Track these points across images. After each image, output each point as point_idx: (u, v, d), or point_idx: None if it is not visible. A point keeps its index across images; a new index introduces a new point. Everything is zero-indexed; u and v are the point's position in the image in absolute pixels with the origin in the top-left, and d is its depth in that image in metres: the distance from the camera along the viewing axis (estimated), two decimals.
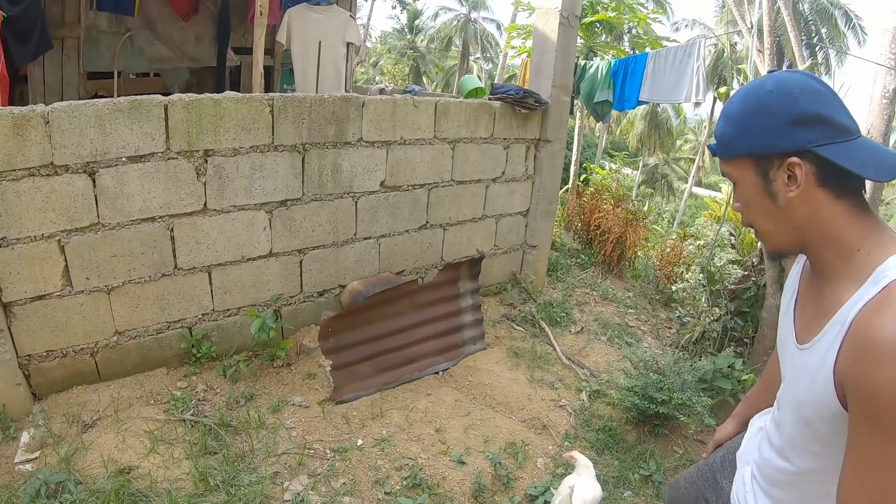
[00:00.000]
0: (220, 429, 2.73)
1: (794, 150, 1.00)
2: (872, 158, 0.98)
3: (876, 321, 0.90)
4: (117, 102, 2.58)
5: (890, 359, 0.86)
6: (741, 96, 1.07)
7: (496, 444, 2.99)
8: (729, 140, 1.08)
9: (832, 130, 0.99)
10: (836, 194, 1.01)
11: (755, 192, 1.07)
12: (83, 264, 2.69)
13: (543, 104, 4.18)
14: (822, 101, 1.00)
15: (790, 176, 1.01)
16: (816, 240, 1.04)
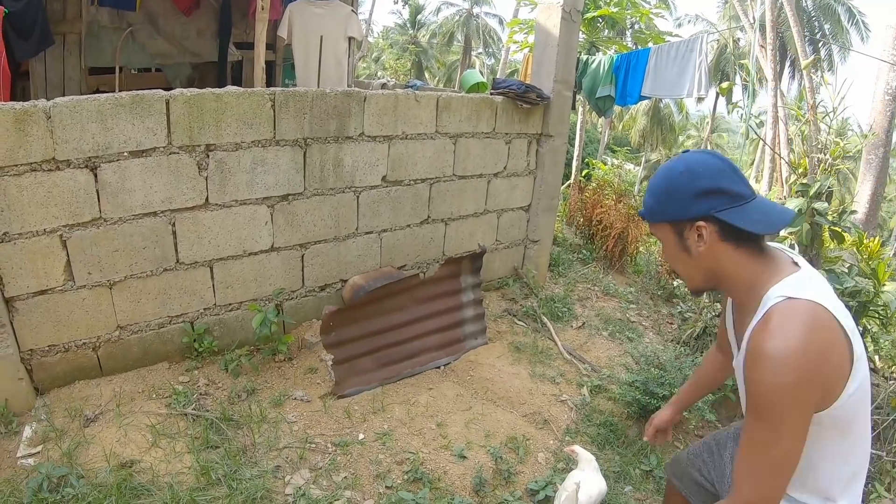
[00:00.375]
0: (222, 423, 2.73)
1: (700, 216, 1.28)
2: (762, 217, 1.27)
3: (758, 338, 1.20)
4: (119, 97, 2.57)
5: (764, 363, 1.17)
6: (660, 176, 1.37)
7: (497, 439, 2.99)
8: (653, 210, 1.38)
9: (729, 198, 1.27)
10: (735, 245, 1.30)
11: (674, 248, 1.37)
12: (85, 259, 2.69)
13: (545, 99, 4.17)
14: (722, 176, 1.28)
15: (699, 235, 1.30)
16: (724, 280, 1.35)
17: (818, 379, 1.17)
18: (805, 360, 1.15)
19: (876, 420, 3.28)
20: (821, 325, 1.19)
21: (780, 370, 1.15)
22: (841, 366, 1.21)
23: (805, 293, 1.22)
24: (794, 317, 1.19)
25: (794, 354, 1.15)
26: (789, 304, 1.21)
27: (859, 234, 3.86)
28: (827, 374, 1.19)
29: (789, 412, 1.18)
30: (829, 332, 1.20)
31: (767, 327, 1.20)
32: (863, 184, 7.28)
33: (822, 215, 3.35)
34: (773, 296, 1.24)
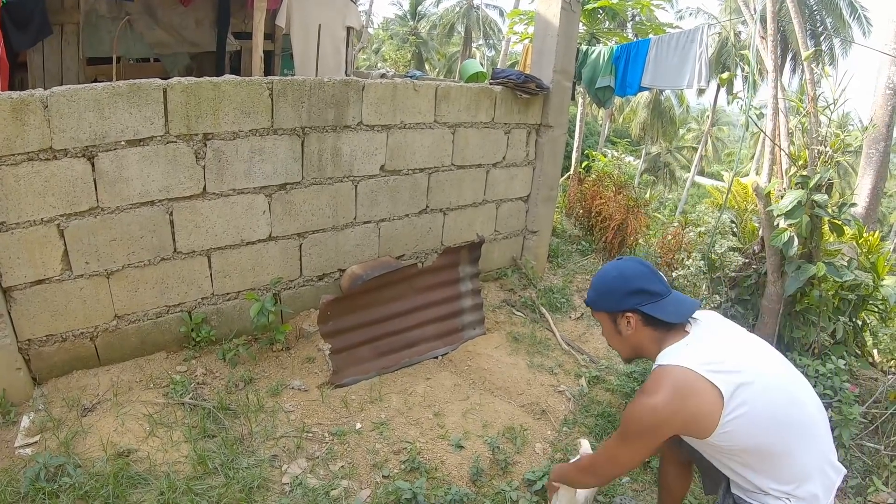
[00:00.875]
0: (220, 412, 2.73)
1: (628, 309, 1.76)
2: (675, 309, 1.74)
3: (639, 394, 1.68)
4: (116, 86, 2.55)
5: (631, 408, 1.68)
6: (599, 277, 1.85)
7: (495, 429, 2.98)
8: (594, 302, 1.86)
9: (650, 295, 1.74)
10: (654, 328, 1.76)
11: (610, 330, 1.85)
12: (82, 248, 2.68)
13: (545, 89, 4.14)
14: (645, 280, 1.75)
15: (627, 322, 1.77)
16: (644, 352, 1.81)
17: (665, 426, 1.62)
18: (654, 415, 1.61)
19: (874, 414, 3.27)
20: (678, 387, 1.60)
21: (637, 416, 1.66)
22: (703, 411, 1.58)
23: (674, 360, 1.65)
24: (659, 380, 1.64)
25: (647, 408, 1.62)
26: (658, 371, 1.67)
27: (859, 227, 3.83)
28: (683, 420, 1.60)
29: (635, 441, 1.70)
30: (686, 391, 1.59)
31: (644, 386, 1.69)
32: (863, 178, 7.22)
33: (822, 207, 3.32)
34: (655, 364, 1.72)
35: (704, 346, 1.67)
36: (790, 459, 1.63)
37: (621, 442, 1.74)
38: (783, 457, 1.63)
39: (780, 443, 1.62)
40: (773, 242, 3.46)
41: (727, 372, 1.59)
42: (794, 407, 1.65)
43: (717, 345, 1.69)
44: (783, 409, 1.62)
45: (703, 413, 1.58)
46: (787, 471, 1.64)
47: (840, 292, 3.56)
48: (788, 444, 1.62)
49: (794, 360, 3.45)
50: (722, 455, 1.70)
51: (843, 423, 2.98)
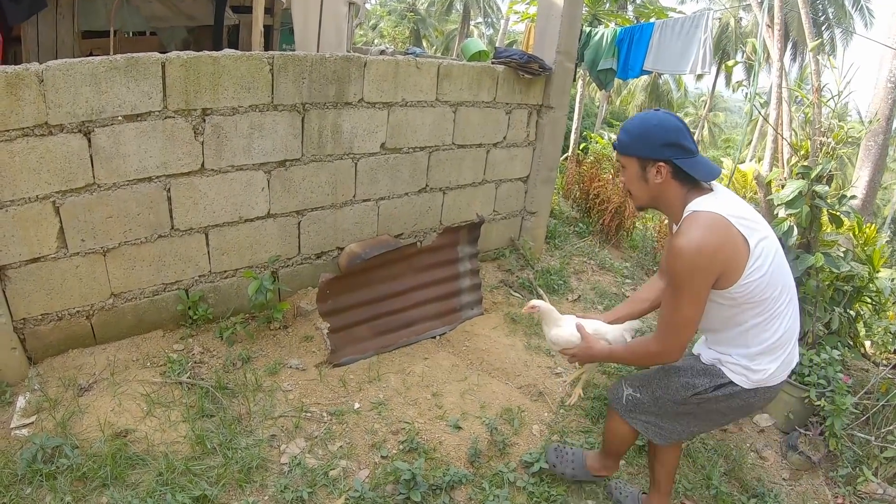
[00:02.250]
0: (217, 391, 2.68)
1: (662, 159, 1.76)
2: (703, 168, 1.76)
3: (672, 239, 1.72)
4: (113, 60, 2.45)
5: (673, 255, 1.68)
6: (637, 121, 1.82)
7: (492, 410, 2.96)
8: (626, 145, 1.82)
9: (684, 151, 1.75)
10: (680, 182, 1.78)
11: (635, 176, 1.83)
12: (78, 226, 2.60)
13: (547, 70, 4.04)
14: (681, 135, 1.75)
15: (658, 172, 1.77)
16: (662, 204, 1.84)
17: (712, 266, 1.66)
18: (699, 253, 1.64)
19: (865, 405, 3.26)
20: (715, 228, 1.67)
21: (682, 258, 1.66)
22: (735, 258, 1.67)
23: (706, 207, 1.71)
24: (695, 223, 1.69)
25: (692, 247, 1.64)
26: (693, 215, 1.71)
27: (858, 219, 3.79)
28: (722, 262, 1.66)
29: (690, 286, 1.68)
30: (723, 232, 1.67)
31: (679, 231, 1.73)
32: (861, 170, 7.16)
33: (822, 198, 3.28)
34: (687, 210, 1.74)
35: (730, 202, 1.75)
36: (781, 322, 1.82)
37: (676, 297, 1.72)
38: (778, 319, 1.81)
39: (781, 302, 1.80)
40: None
41: (752, 225, 1.72)
42: (788, 271, 1.86)
43: (737, 203, 1.78)
44: (786, 272, 1.83)
45: (736, 257, 1.68)
46: (775, 334, 1.82)
47: (836, 283, 3.54)
48: (786, 306, 1.82)
49: None
50: (720, 309, 1.81)
51: (835, 412, 2.97)
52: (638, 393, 2.09)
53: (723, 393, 1.89)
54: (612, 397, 2.20)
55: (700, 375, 1.93)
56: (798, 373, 3.16)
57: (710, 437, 3.11)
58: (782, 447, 3.20)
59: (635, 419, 2.13)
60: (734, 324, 1.82)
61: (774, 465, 3.10)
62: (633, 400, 2.10)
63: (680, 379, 1.96)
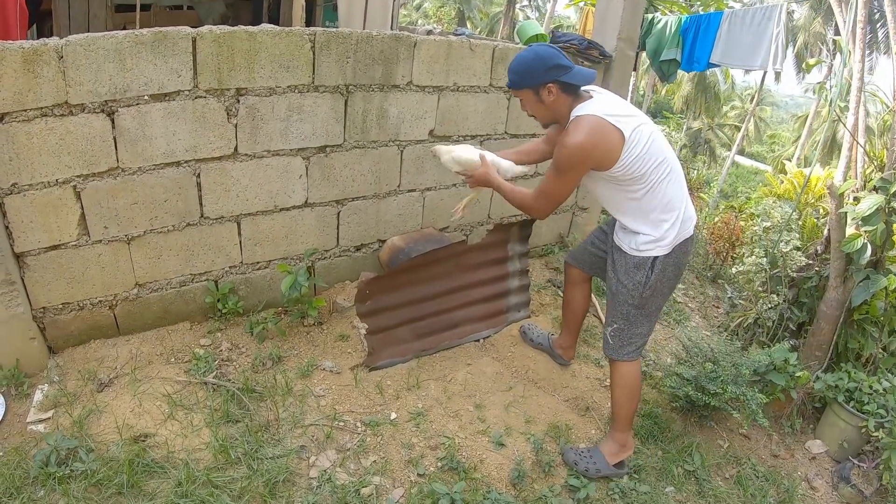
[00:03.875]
0: (244, 395, 2.42)
1: (550, 81, 2.04)
2: (580, 77, 2.06)
3: (564, 136, 2.05)
4: (139, 35, 2.16)
5: (559, 149, 2.06)
6: (518, 62, 2.10)
7: (538, 426, 2.64)
8: (518, 82, 2.11)
9: (563, 69, 2.03)
10: (567, 94, 2.08)
11: (534, 102, 2.13)
12: (101, 212, 2.34)
13: (607, 57, 3.62)
14: (557, 57, 2.04)
15: (549, 92, 2.06)
16: (560, 115, 2.13)
17: (587, 160, 2.02)
18: (578, 150, 1.99)
19: None
20: (592, 128, 1.98)
21: (565, 153, 2.02)
22: (610, 148, 2.00)
23: (586, 111, 2.02)
24: (577, 125, 2.00)
25: (573, 146, 1.99)
26: (576, 119, 2.03)
27: None
28: (597, 156, 2.01)
29: (567, 172, 2.07)
30: (599, 131, 1.98)
31: (566, 131, 2.05)
32: None
33: None
34: (572, 116, 2.05)
35: (606, 102, 2.08)
36: (667, 187, 2.11)
37: (556, 177, 2.11)
38: (662, 184, 2.09)
39: (661, 172, 2.08)
40: (844, 248, 3.08)
41: (625, 117, 2.03)
42: (669, 152, 2.15)
43: (615, 102, 2.11)
44: (663, 149, 2.11)
45: (611, 147, 2.00)
46: (664, 198, 2.12)
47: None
48: (666, 176, 2.10)
49: (847, 373, 3.09)
50: (618, 188, 2.14)
51: (892, 445, 2.66)
52: (614, 323, 2.37)
53: (657, 269, 2.20)
54: (607, 350, 2.43)
55: (635, 271, 2.23)
56: (857, 399, 2.97)
57: (761, 465, 2.86)
58: (833, 477, 2.96)
59: (628, 349, 2.37)
60: (628, 198, 2.15)
61: (825, 496, 2.86)
62: (616, 333, 2.38)
63: (628, 286, 2.26)
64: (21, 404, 2.26)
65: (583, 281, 2.75)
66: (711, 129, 28.59)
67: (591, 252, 2.64)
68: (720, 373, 2.71)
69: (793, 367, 2.91)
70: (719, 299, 4.34)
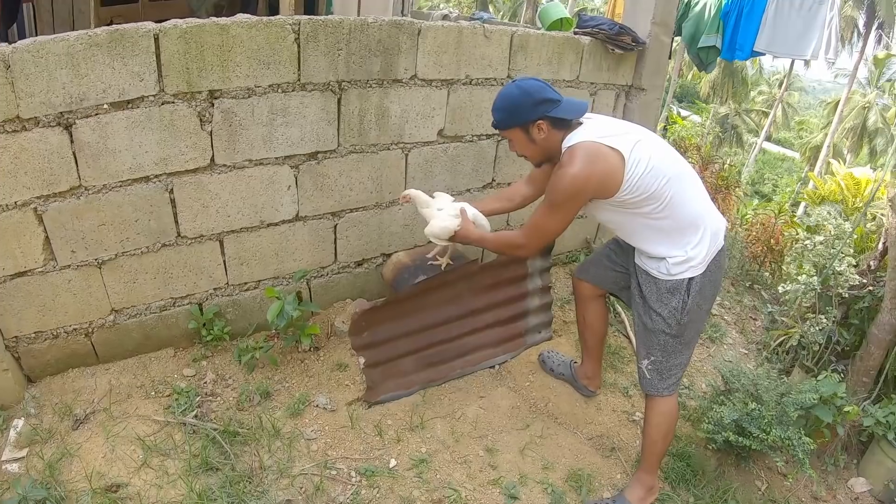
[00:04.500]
0: (225, 440, 2.11)
1: (539, 118, 1.87)
2: (572, 108, 1.89)
3: (558, 169, 1.84)
4: (92, 35, 1.83)
5: (552, 181, 1.85)
6: (503, 99, 1.92)
7: (557, 472, 2.29)
8: (504, 122, 1.94)
9: (552, 103, 1.86)
10: (558, 129, 1.89)
11: (524, 141, 1.94)
12: (66, 235, 2.04)
13: (640, 44, 3.17)
14: (544, 91, 1.87)
15: (539, 129, 1.89)
16: (552, 153, 1.93)
17: (584, 191, 1.81)
18: (573, 181, 1.79)
19: None
20: (587, 155, 1.79)
21: (560, 186, 1.81)
22: (611, 172, 1.79)
23: (577, 139, 1.84)
24: (571, 155, 1.81)
25: (568, 177, 1.79)
26: (569, 150, 1.84)
27: None
28: (595, 184, 1.80)
29: (562, 207, 1.85)
30: (594, 157, 1.79)
31: (560, 163, 1.85)
32: None
33: None
34: (562, 149, 1.88)
35: (597, 125, 1.88)
36: (685, 205, 1.87)
37: (549, 212, 1.88)
38: (679, 199, 1.84)
39: (674, 186, 1.82)
40: None
41: (620, 135, 1.82)
42: (678, 162, 1.90)
43: (607, 123, 1.92)
44: (671, 161, 1.87)
45: (611, 172, 1.78)
46: (685, 213, 1.87)
47: None
48: (682, 190, 1.85)
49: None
50: (630, 213, 1.88)
51: None
52: (651, 356, 2.08)
53: (694, 291, 1.93)
54: (644, 385, 2.15)
55: (669, 296, 1.96)
56: None
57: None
58: None
59: (668, 382, 2.09)
60: (644, 223, 1.90)
61: None
62: (654, 366, 2.09)
63: (663, 314, 1.98)
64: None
65: (596, 297, 2.45)
66: (738, 114, 27.31)
67: (607, 267, 2.34)
68: (764, 413, 2.32)
69: (840, 399, 2.51)
70: (757, 310, 3.88)
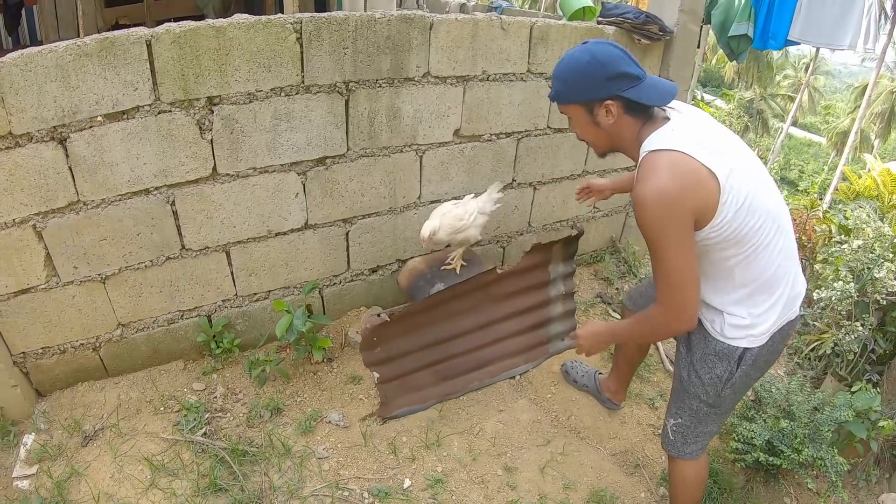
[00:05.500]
0: (234, 458, 1.99)
1: (609, 96, 1.40)
2: (654, 92, 1.40)
3: (634, 189, 1.35)
4: (82, 45, 1.69)
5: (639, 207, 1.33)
6: (567, 65, 1.44)
7: (579, 493, 2.12)
8: (564, 94, 1.47)
9: (630, 80, 1.38)
10: (633, 115, 1.43)
11: (586, 123, 1.48)
12: (67, 251, 1.94)
13: (668, 33, 2.90)
14: (621, 62, 1.37)
15: (607, 111, 1.42)
16: (623, 143, 1.49)
17: (682, 209, 1.31)
18: (666, 199, 1.30)
19: None
20: (676, 168, 1.31)
21: (647, 210, 1.31)
22: (705, 196, 1.32)
23: (662, 144, 1.35)
24: (653, 166, 1.34)
25: (653, 195, 1.30)
26: (650, 157, 1.36)
27: None
28: (693, 204, 1.31)
29: (666, 237, 1.33)
30: (689, 173, 1.31)
31: (638, 177, 1.37)
32: None
33: None
34: (642, 152, 1.40)
35: (690, 130, 1.40)
36: (769, 258, 1.46)
37: (659, 251, 1.37)
38: (766, 250, 1.45)
39: (765, 233, 1.43)
40: None
41: (718, 154, 1.36)
42: (772, 196, 1.47)
43: (701, 130, 1.43)
44: (766, 196, 1.44)
45: (706, 195, 1.34)
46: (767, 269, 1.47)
47: None
48: (771, 238, 1.45)
49: None
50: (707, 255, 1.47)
51: None
52: (678, 417, 1.77)
53: (745, 365, 1.57)
54: (666, 444, 1.85)
55: (716, 361, 1.60)
56: None
57: None
58: None
59: (692, 448, 1.78)
60: (718, 268, 1.50)
61: None
62: (680, 428, 1.78)
63: (703, 378, 1.64)
64: (7, 455, 1.99)
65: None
66: (764, 99, 26.11)
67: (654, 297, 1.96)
68: (796, 430, 2.10)
69: (875, 413, 2.27)
70: None
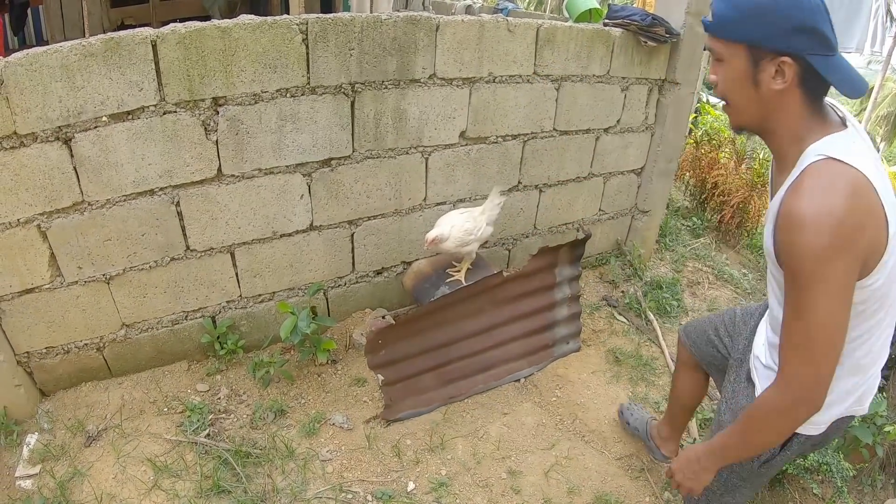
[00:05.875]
0: (237, 460, 1.97)
1: (788, 51, 1.02)
2: (847, 77, 1.02)
3: (792, 198, 1.00)
4: (86, 45, 1.67)
5: (800, 228, 0.97)
6: None
7: (583, 497, 2.09)
8: (730, 23, 1.05)
9: (823, 44, 1.01)
10: (806, 94, 1.05)
11: (741, 75, 1.07)
12: (72, 252, 1.92)
13: (674, 35, 2.87)
14: (822, 17, 1.01)
15: (778, 71, 1.03)
16: (776, 126, 1.09)
17: (855, 247, 0.98)
18: (842, 225, 0.96)
19: None
20: (859, 193, 0.98)
21: (815, 232, 0.96)
22: (878, 237, 1.01)
23: (843, 155, 1.00)
24: (833, 179, 0.99)
25: (831, 217, 0.96)
26: (828, 165, 1.01)
27: None
28: (865, 243, 0.99)
29: (825, 276, 0.97)
30: (867, 201, 0.99)
31: (802, 186, 1.01)
32: None
33: None
34: (812, 153, 1.03)
35: (870, 152, 1.06)
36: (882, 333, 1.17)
37: (811, 291, 0.99)
38: (883, 328, 1.16)
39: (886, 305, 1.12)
40: None
41: (889, 194, 1.02)
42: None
43: (867, 146, 1.08)
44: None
45: (875, 240, 1.01)
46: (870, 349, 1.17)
47: None
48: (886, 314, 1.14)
49: None
50: None
51: None
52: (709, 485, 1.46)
53: (791, 450, 1.32)
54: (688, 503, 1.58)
55: None
56: None
57: None
58: None
59: None
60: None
61: None
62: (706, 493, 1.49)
63: None
64: (11, 455, 1.96)
65: (694, 367, 1.88)
66: None
67: (710, 341, 1.74)
68: None
69: (881, 417, 2.23)
70: None
